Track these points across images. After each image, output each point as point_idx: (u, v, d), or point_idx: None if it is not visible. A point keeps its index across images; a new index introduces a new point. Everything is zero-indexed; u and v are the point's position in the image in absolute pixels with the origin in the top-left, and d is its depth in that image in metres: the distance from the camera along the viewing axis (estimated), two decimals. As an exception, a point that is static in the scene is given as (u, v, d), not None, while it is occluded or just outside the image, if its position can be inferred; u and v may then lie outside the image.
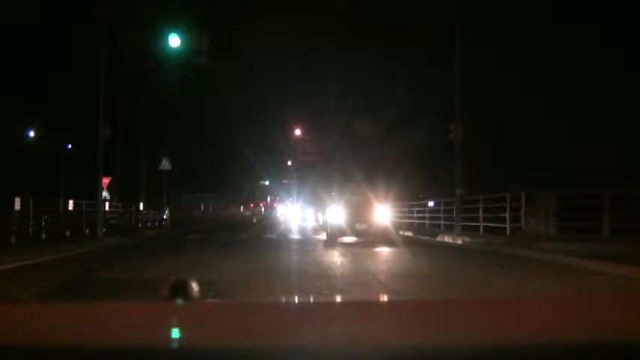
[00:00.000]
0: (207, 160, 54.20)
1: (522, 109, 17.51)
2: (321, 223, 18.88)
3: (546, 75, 16.64)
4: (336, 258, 10.16)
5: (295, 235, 18.03)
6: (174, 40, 15.36)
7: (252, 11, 27.08)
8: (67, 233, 14.50)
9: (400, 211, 24.43)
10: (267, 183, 77.50)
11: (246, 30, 31.26)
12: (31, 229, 14.33)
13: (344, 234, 14.31)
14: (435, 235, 16.58)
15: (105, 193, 16.82)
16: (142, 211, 21.35)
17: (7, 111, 25.23)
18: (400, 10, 22.56)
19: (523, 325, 1.04)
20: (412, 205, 23.92)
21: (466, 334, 0.98)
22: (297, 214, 32.98)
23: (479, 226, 15.91)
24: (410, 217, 23.56)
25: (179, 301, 1.27)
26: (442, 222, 18.96)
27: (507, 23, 17.36)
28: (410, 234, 18.63)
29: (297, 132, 36.13)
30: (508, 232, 14.25)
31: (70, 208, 19.07)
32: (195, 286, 1.36)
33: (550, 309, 1.22)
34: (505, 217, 14.54)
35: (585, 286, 6.76)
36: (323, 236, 15.90)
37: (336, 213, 14.76)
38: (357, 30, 24.42)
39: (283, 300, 1.87)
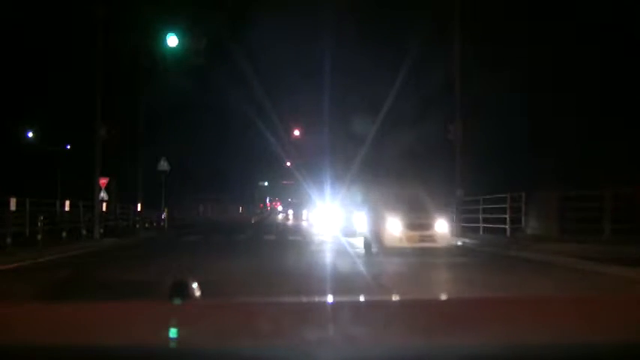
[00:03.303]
0: (208, 161, 54.17)
1: (523, 107, 17.51)
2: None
3: (546, 73, 16.65)
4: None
5: None
6: (172, 40, 15.37)
7: (252, 11, 27.03)
8: (64, 234, 14.45)
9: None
10: (266, 184, 77.64)
11: (245, 30, 31.25)
12: (27, 230, 14.27)
13: None
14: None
15: (102, 194, 16.76)
16: (140, 212, 21.26)
17: (5, 111, 25.21)
18: (399, 9, 22.57)
19: (523, 325, 1.04)
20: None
21: (466, 334, 0.97)
22: (338, 220, 21.36)
23: (479, 227, 15.88)
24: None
25: (179, 301, 1.27)
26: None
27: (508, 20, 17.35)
28: None
29: (296, 132, 36.17)
30: (508, 234, 14.24)
31: (67, 208, 18.97)
32: (195, 286, 1.36)
33: (550, 309, 1.23)
34: (505, 218, 14.52)
35: (585, 287, 6.76)
36: None
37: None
38: (357, 28, 24.36)
39: (283, 300, 1.87)
